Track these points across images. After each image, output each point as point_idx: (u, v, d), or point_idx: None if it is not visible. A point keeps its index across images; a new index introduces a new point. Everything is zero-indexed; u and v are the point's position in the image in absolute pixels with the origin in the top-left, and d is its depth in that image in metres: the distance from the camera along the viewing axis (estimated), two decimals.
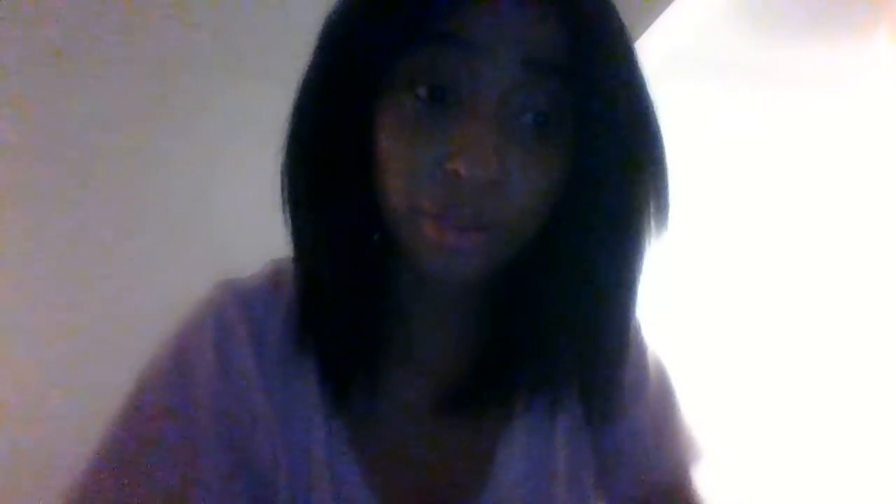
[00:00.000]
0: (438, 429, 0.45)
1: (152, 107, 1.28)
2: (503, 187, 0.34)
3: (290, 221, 0.40)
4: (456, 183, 0.33)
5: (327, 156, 0.37)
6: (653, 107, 0.39)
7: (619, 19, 0.36)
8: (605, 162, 0.37)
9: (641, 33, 1.29)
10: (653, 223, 0.39)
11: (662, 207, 0.39)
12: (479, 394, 0.45)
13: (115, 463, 0.37)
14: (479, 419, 0.45)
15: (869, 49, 1.07)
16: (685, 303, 1.48)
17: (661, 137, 0.39)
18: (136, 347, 0.42)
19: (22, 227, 1.24)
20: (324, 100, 0.37)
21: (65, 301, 1.27)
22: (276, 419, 0.40)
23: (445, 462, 0.44)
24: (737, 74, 1.35)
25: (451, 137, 0.33)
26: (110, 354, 0.79)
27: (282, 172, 0.40)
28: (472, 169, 0.32)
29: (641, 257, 0.40)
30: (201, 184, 1.31)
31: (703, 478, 0.48)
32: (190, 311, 0.42)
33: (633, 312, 0.43)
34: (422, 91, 0.34)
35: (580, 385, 0.45)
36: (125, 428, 0.38)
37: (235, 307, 0.42)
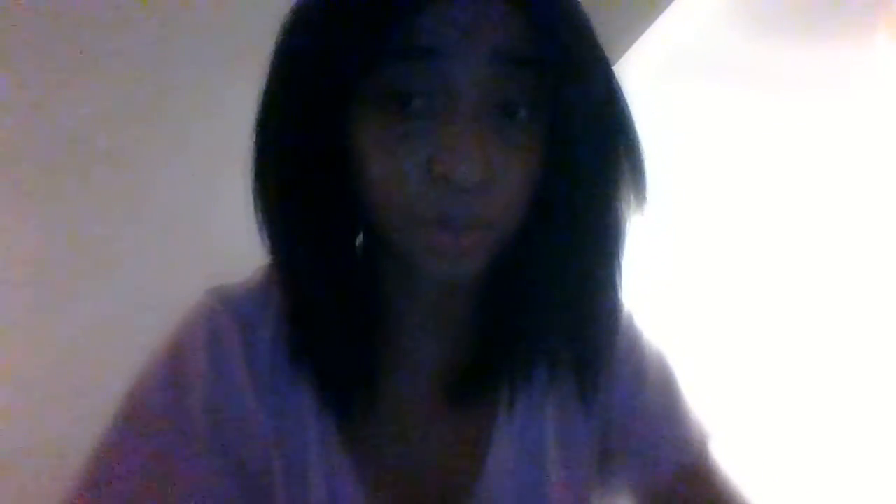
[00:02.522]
0: (431, 423, 0.45)
1: (151, 107, 1.28)
2: (491, 184, 0.34)
3: (266, 235, 0.40)
4: (445, 187, 0.33)
5: (300, 169, 0.37)
6: (618, 83, 0.39)
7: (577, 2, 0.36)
8: (580, 142, 0.37)
9: (641, 33, 1.29)
10: (631, 196, 0.40)
11: (639, 181, 0.40)
12: (472, 384, 0.45)
13: (110, 469, 0.37)
14: (470, 411, 0.45)
15: (868, 49, 1.07)
16: (685, 302, 1.48)
17: (630, 113, 0.39)
18: (136, 348, 0.42)
19: (21, 227, 1.24)
20: (290, 114, 0.36)
21: (64, 301, 1.27)
22: (270, 423, 0.41)
23: (439, 455, 0.44)
24: (736, 75, 1.35)
25: (433, 143, 0.34)
26: (110, 355, 0.79)
27: (253, 188, 0.39)
28: (460, 171, 0.33)
29: (622, 231, 0.41)
30: (200, 185, 1.32)
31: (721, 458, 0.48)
32: (181, 318, 0.42)
33: (618, 288, 0.44)
34: (394, 103, 0.34)
35: (572, 364, 0.45)
36: (120, 435, 0.38)
37: (226, 314, 0.42)
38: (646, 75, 1.41)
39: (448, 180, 0.33)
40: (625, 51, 1.42)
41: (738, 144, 1.40)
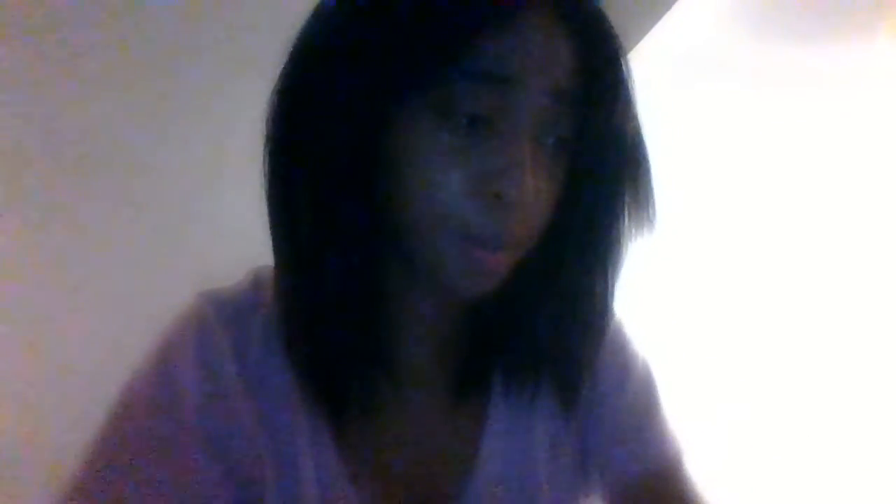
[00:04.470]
0: (424, 423, 0.45)
1: (152, 107, 1.28)
2: (533, 207, 0.36)
3: (278, 233, 0.40)
4: (493, 204, 0.35)
5: (330, 166, 0.37)
6: (640, 118, 0.41)
7: (620, 41, 0.38)
8: (600, 172, 0.39)
9: (644, 34, 1.29)
10: (635, 222, 0.42)
11: (646, 206, 0.42)
12: (463, 385, 0.46)
13: (101, 474, 0.37)
14: (461, 414, 0.46)
15: (870, 50, 1.07)
16: (686, 302, 1.48)
17: (646, 145, 0.41)
18: (136, 349, 0.42)
19: (21, 227, 1.24)
20: (331, 111, 0.36)
21: (63, 301, 1.27)
22: (261, 427, 0.41)
23: (431, 455, 0.45)
24: (738, 75, 1.35)
25: (488, 161, 0.35)
26: (110, 356, 0.79)
27: (270, 180, 0.39)
28: (512, 191, 0.34)
29: (621, 253, 0.42)
30: (202, 186, 1.32)
31: (694, 472, 0.48)
32: (172, 321, 0.43)
33: (610, 305, 0.45)
34: (457, 116, 0.35)
35: (553, 371, 0.47)
36: (111, 440, 0.38)
37: (217, 317, 0.42)
38: (648, 76, 1.41)
39: (500, 198, 0.34)
40: (628, 52, 1.41)
41: (740, 144, 1.40)
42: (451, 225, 0.36)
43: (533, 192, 0.35)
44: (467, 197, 0.35)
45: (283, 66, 0.39)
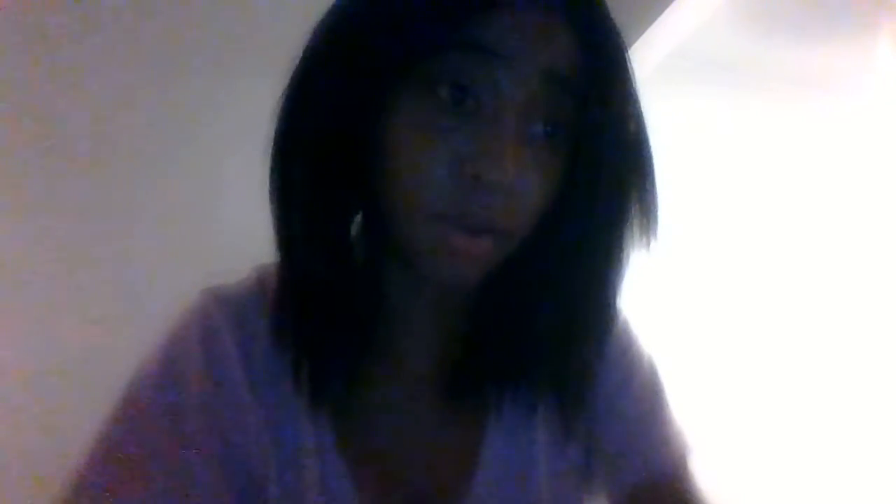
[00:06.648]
0: (424, 425, 0.45)
1: (153, 107, 1.28)
2: (515, 192, 0.35)
3: (278, 219, 0.40)
4: (473, 185, 0.34)
5: (326, 154, 0.37)
6: (644, 118, 0.40)
7: (621, 33, 0.38)
8: (599, 170, 0.38)
9: (641, 33, 1.29)
10: (638, 229, 0.41)
11: (649, 213, 0.41)
12: (462, 385, 0.45)
13: (105, 468, 0.37)
14: (462, 415, 0.46)
15: (870, 51, 1.07)
16: (683, 304, 1.48)
17: (651, 149, 0.40)
18: (139, 346, 0.42)
19: (22, 227, 1.24)
20: (326, 99, 0.37)
21: (66, 300, 1.27)
22: (265, 421, 0.41)
23: (431, 458, 0.45)
24: (736, 75, 1.35)
25: (470, 141, 0.34)
26: (112, 353, 0.79)
27: (272, 170, 0.40)
28: (492, 173, 0.33)
29: (623, 261, 0.41)
30: (202, 184, 1.32)
31: (699, 473, 0.48)
32: (176, 318, 0.42)
33: (613, 312, 0.44)
34: (443, 92, 0.34)
35: (554, 377, 0.46)
36: (115, 434, 0.38)
37: (221, 313, 0.42)
38: (646, 75, 1.42)
39: (479, 179, 0.34)
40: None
41: (737, 144, 1.40)
42: (432, 207, 0.35)
43: (514, 175, 0.34)
44: (448, 178, 0.35)
45: (293, 64, 0.39)
